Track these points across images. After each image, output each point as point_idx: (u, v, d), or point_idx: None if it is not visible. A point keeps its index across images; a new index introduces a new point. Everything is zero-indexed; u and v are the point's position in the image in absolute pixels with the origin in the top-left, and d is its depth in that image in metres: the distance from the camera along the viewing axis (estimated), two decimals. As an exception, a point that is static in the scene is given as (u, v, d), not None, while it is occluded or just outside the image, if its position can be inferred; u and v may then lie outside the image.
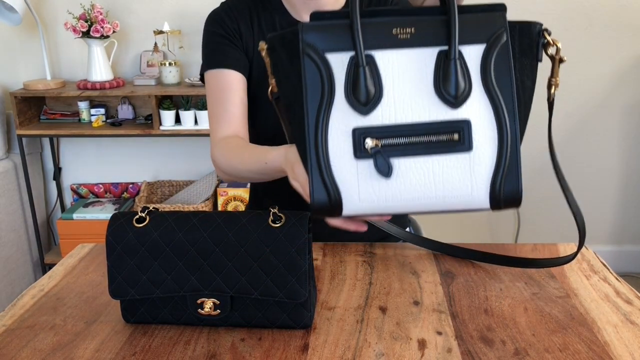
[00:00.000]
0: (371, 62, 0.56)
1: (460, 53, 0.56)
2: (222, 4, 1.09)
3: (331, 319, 0.77)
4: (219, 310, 0.73)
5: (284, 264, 0.71)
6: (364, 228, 0.66)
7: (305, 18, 1.06)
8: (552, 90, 0.62)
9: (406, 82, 0.56)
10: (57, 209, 2.66)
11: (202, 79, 1.09)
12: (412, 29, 0.56)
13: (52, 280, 0.90)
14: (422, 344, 0.71)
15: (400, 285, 0.86)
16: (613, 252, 2.64)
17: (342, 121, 0.56)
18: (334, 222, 0.68)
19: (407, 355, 0.69)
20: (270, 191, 1.15)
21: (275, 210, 0.73)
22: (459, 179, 0.56)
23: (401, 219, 1.23)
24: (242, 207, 2.39)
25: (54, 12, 2.42)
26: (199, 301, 0.73)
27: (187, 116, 2.30)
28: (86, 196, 2.64)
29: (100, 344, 0.73)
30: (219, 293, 0.72)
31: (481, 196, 0.57)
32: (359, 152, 0.56)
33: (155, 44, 2.41)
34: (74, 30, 2.23)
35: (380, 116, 0.56)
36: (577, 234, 0.74)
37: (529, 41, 0.58)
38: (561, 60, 0.60)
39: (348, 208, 0.58)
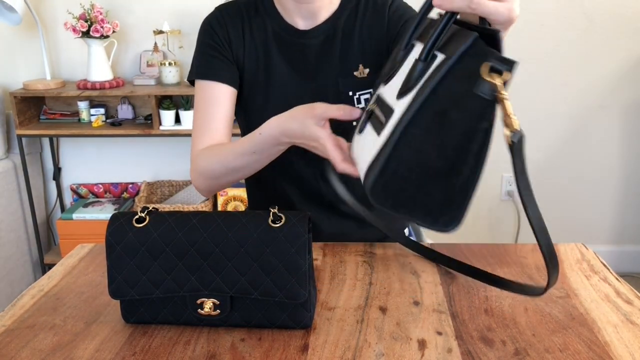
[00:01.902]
0: (410, 49, 0.66)
1: (431, 57, 0.56)
2: (215, 9, 1.08)
3: (331, 319, 0.77)
4: (218, 311, 0.73)
5: (284, 264, 0.71)
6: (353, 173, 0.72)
7: (299, 22, 1.05)
8: (508, 133, 0.51)
9: (405, 70, 0.62)
10: (57, 209, 2.66)
11: (188, 80, 1.09)
12: (436, 33, 0.59)
13: (51, 280, 0.90)
14: (422, 344, 0.71)
15: (400, 285, 0.86)
16: (613, 252, 2.64)
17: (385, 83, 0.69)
18: (344, 166, 0.74)
19: (407, 355, 0.69)
20: (268, 197, 1.15)
21: (275, 210, 0.73)
22: (368, 157, 0.60)
23: (400, 219, 1.23)
24: (242, 207, 2.38)
25: (53, 12, 2.42)
26: (198, 301, 0.73)
27: (187, 116, 2.29)
28: (86, 196, 2.64)
29: (100, 344, 0.73)
30: (219, 293, 0.72)
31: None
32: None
33: (155, 43, 2.41)
34: (74, 30, 2.23)
35: (386, 89, 0.65)
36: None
37: (473, 68, 0.51)
38: (501, 99, 0.50)
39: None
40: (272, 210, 0.73)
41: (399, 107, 0.56)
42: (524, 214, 0.58)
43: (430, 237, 1.35)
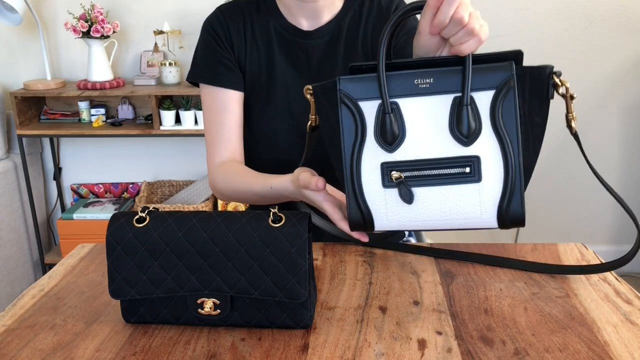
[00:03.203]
0: (396, 108, 0.66)
1: (472, 99, 0.65)
2: (216, 9, 1.08)
3: (331, 319, 0.77)
4: (219, 310, 0.73)
5: (284, 264, 0.71)
6: (365, 239, 0.77)
7: (302, 22, 1.04)
8: (573, 124, 0.70)
9: (425, 124, 0.66)
10: (57, 209, 2.66)
11: (189, 80, 1.09)
12: (431, 79, 0.65)
13: (52, 280, 0.91)
14: (422, 344, 0.71)
15: (400, 285, 0.86)
16: (613, 252, 2.64)
17: (372, 157, 0.67)
18: (343, 226, 0.77)
19: (407, 355, 0.69)
20: None
21: (275, 210, 0.73)
22: (470, 205, 0.66)
23: None
24: (242, 207, 2.38)
25: (54, 12, 2.42)
26: (199, 301, 0.73)
27: (187, 116, 2.30)
28: (86, 196, 2.64)
29: (100, 344, 0.73)
30: (219, 293, 0.73)
31: (489, 218, 0.66)
32: (386, 182, 0.67)
33: (156, 44, 2.41)
34: (74, 30, 2.23)
35: (404, 153, 0.66)
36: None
37: (539, 84, 0.66)
38: (572, 98, 0.67)
39: (379, 225, 0.69)
40: (272, 210, 0.73)
41: (482, 148, 0.65)
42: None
43: (429, 237, 1.35)
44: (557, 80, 0.66)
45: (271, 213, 0.73)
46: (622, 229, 2.63)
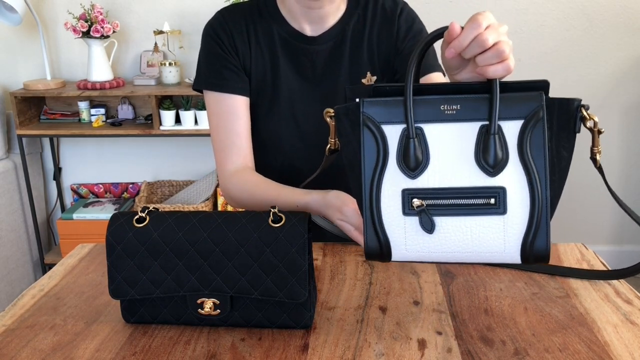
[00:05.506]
0: (420, 133, 0.65)
1: (499, 128, 0.63)
2: (217, 14, 1.06)
3: (331, 319, 0.77)
4: (219, 310, 0.73)
5: (284, 264, 0.71)
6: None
7: (306, 27, 1.03)
8: (598, 158, 0.67)
9: (450, 151, 0.64)
10: (57, 209, 2.66)
11: (195, 88, 1.07)
12: (458, 106, 0.64)
13: (52, 280, 0.90)
14: (422, 344, 0.71)
15: (400, 285, 0.86)
16: (613, 252, 2.64)
17: (393, 182, 0.65)
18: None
19: (407, 355, 0.69)
20: None
21: (275, 210, 0.73)
22: (493, 238, 0.64)
23: None
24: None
25: (54, 12, 2.42)
26: (199, 301, 0.73)
27: (187, 116, 2.30)
28: (86, 196, 2.64)
29: (100, 344, 0.73)
30: (219, 293, 0.73)
31: (512, 253, 0.64)
32: (407, 209, 0.65)
33: (155, 44, 2.41)
34: (74, 30, 2.24)
35: (426, 180, 0.64)
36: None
37: (567, 116, 0.64)
38: (599, 132, 0.65)
39: (396, 255, 0.67)
40: (272, 210, 0.73)
41: (508, 180, 0.63)
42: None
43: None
44: (585, 113, 0.64)
45: (271, 213, 0.73)
46: (622, 229, 2.63)
